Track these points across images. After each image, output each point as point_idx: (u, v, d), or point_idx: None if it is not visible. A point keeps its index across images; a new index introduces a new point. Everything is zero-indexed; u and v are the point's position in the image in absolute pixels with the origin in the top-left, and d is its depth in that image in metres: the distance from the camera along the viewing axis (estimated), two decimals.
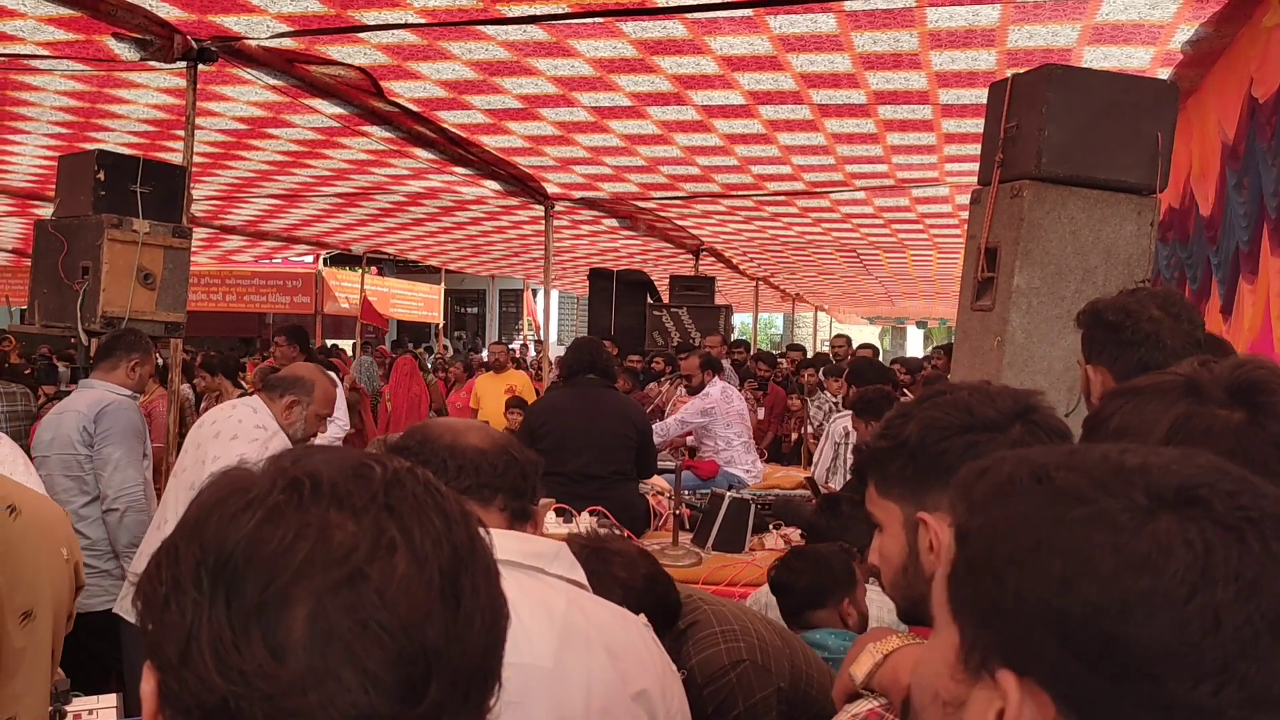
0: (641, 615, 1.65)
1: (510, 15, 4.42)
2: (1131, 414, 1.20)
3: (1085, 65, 4.69)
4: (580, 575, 1.60)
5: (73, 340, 4.77)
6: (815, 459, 7.24)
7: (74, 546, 2.03)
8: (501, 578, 1.51)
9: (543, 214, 9.13)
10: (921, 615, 1.31)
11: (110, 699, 2.52)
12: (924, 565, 1.25)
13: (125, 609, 3.81)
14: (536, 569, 1.52)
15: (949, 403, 1.29)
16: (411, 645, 0.68)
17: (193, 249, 5.20)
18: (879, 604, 3.13)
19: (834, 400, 8.79)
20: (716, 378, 7.29)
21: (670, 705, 1.54)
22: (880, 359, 9.86)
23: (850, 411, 6.23)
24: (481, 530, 0.78)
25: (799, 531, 4.66)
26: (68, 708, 2.46)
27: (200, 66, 4.90)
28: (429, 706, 0.68)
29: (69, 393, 4.58)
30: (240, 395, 6.65)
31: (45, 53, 5.08)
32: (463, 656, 0.71)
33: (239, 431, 3.74)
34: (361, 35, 4.78)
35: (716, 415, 6.98)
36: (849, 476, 5.69)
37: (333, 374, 4.65)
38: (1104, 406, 1.26)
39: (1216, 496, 0.65)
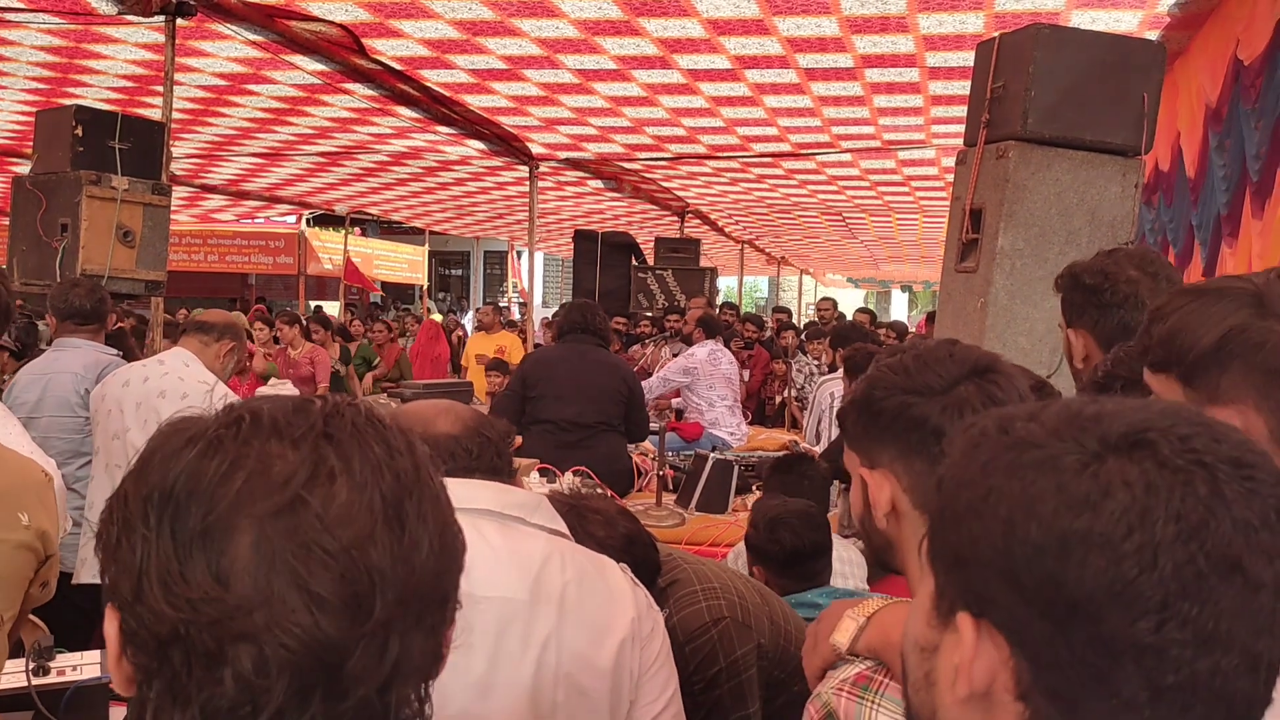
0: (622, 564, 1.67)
1: None
2: (1191, 314, 1.19)
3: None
4: (561, 525, 1.64)
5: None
6: (804, 427, 7.27)
7: (39, 514, 1.94)
8: (481, 523, 1.52)
9: (527, 175, 9.08)
10: (885, 563, 1.33)
11: (94, 655, 2.53)
12: (875, 517, 1.27)
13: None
14: (518, 519, 1.57)
15: (894, 363, 1.29)
16: (354, 566, 0.70)
17: (173, 208, 5.14)
18: (846, 559, 3.16)
19: (815, 364, 8.81)
20: (707, 340, 7.30)
21: (649, 646, 1.56)
22: (875, 324, 9.91)
23: (834, 376, 6.25)
24: (430, 464, 0.80)
25: None
26: (51, 664, 2.46)
27: (179, 21, 4.82)
28: (375, 624, 0.70)
29: (42, 352, 4.48)
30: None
31: (19, 5, 4.99)
32: (410, 577, 0.73)
33: (187, 390, 3.66)
34: None
35: (699, 375, 7.00)
36: (831, 438, 5.72)
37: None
38: (1168, 301, 1.25)
39: (1165, 440, 0.65)
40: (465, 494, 1.52)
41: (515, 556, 1.51)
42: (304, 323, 9.18)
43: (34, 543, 1.92)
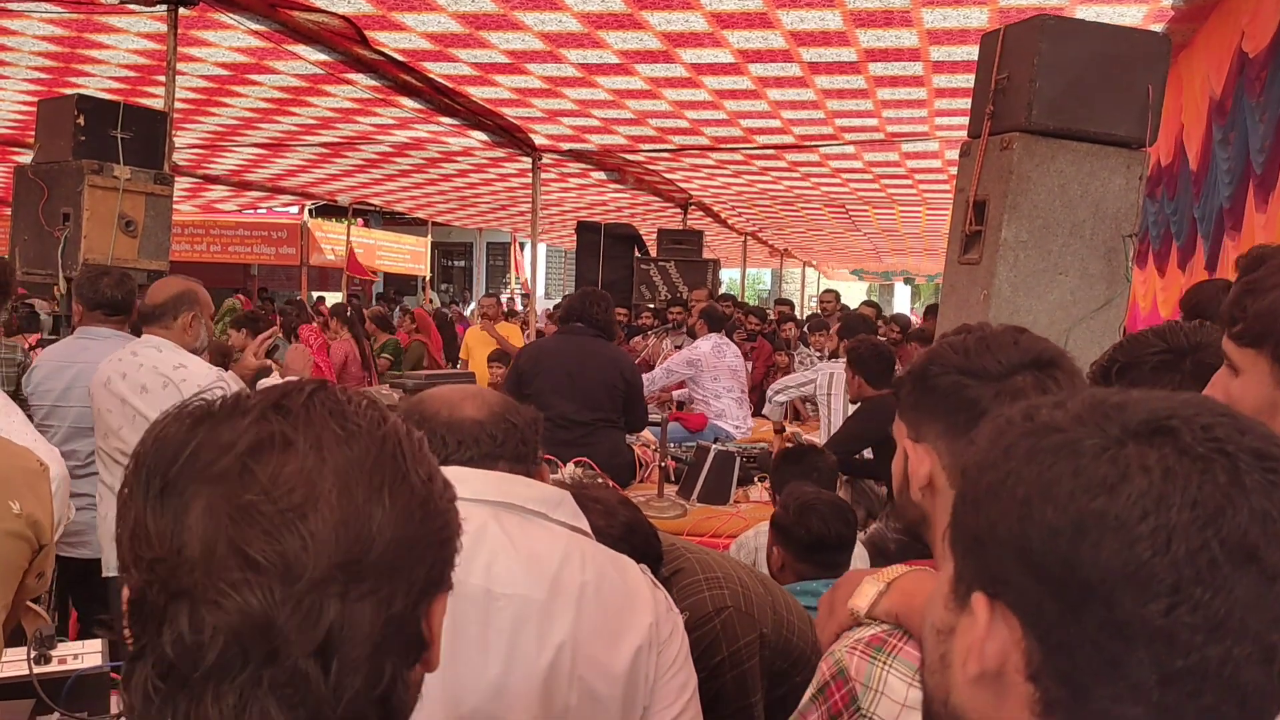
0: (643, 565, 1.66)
1: None
2: None
3: None
4: (583, 523, 1.61)
5: (57, 290, 4.69)
6: (785, 382, 7.28)
7: (30, 501, 1.92)
8: (503, 517, 1.51)
9: (530, 166, 9.07)
10: (918, 535, 1.33)
11: (95, 644, 2.52)
12: (911, 489, 1.27)
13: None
14: (540, 514, 1.54)
15: (956, 342, 1.29)
16: (288, 528, 0.72)
17: (176, 198, 5.14)
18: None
19: (818, 355, 8.82)
20: (712, 333, 7.29)
21: (666, 650, 1.55)
22: (881, 317, 9.91)
23: (836, 364, 6.25)
24: (406, 452, 0.80)
25: None
26: (52, 653, 2.47)
27: (181, 10, 4.82)
28: (307, 584, 0.71)
29: (50, 340, 4.46)
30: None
31: None
32: (354, 545, 0.73)
33: (167, 377, 3.56)
34: None
35: (703, 368, 6.99)
36: (832, 426, 5.72)
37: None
38: (1270, 275, 1.24)
39: (1187, 428, 0.65)
40: (486, 487, 1.51)
41: (535, 553, 1.48)
42: (346, 314, 9.24)
43: (25, 531, 1.91)
